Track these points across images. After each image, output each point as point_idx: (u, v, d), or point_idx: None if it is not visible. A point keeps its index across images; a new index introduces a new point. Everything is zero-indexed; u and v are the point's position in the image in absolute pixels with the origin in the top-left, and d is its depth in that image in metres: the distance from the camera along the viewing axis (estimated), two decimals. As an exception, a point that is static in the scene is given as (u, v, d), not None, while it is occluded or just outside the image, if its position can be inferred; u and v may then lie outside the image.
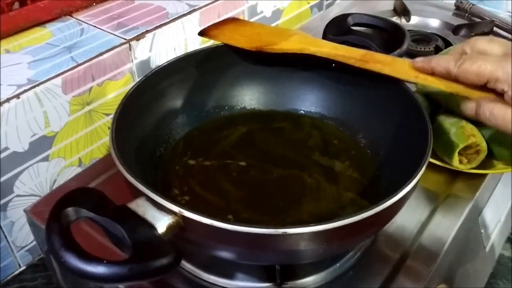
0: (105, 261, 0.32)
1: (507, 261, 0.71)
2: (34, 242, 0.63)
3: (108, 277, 0.32)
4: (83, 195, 0.36)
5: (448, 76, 0.43)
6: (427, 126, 0.45)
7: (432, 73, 0.44)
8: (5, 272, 0.62)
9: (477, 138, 0.55)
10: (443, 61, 0.43)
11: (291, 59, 0.55)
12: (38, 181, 0.61)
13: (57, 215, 0.34)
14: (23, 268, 0.63)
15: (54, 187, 0.63)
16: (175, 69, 0.55)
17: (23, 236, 0.62)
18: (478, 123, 0.57)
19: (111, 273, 0.32)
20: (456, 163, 0.56)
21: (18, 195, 0.59)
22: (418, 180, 0.41)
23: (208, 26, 0.59)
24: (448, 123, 0.57)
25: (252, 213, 0.48)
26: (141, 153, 0.51)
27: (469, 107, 0.42)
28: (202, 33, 0.58)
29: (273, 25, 0.89)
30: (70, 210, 0.35)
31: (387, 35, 0.59)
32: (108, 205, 0.36)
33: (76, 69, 0.60)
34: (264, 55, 0.55)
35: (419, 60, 0.46)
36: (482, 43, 0.42)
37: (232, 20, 0.61)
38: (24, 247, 0.63)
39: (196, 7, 0.73)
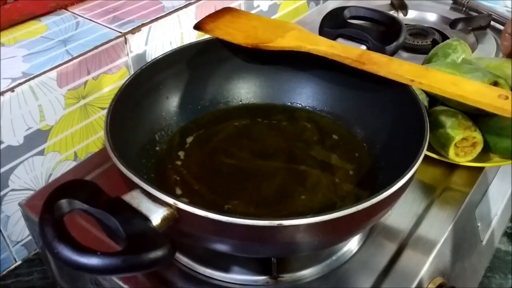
0: (98, 253, 0.32)
1: (504, 254, 0.71)
2: (30, 237, 0.63)
3: (102, 269, 0.32)
4: (77, 187, 0.36)
5: None
6: (424, 119, 0.45)
7: None
8: (1, 266, 0.62)
9: (473, 130, 0.55)
10: None
11: (288, 53, 0.55)
12: (33, 175, 0.60)
13: (50, 207, 0.34)
14: (19, 262, 0.63)
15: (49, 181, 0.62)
16: (170, 63, 0.55)
17: (19, 231, 0.62)
18: (474, 116, 0.57)
19: (105, 264, 0.31)
20: (452, 156, 0.56)
21: (13, 189, 0.59)
22: (414, 173, 0.41)
23: (204, 19, 0.58)
24: (445, 116, 0.56)
25: (248, 206, 0.48)
26: (136, 146, 0.50)
27: None
28: (197, 27, 0.58)
29: (270, 19, 0.88)
30: (63, 202, 0.35)
31: (383, 28, 0.59)
32: (102, 197, 0.36)
33: (71, 63, 0.60)
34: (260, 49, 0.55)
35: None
36: None
37: (228, 11, 0.60)
38: (20, 241, 0.63)
39: (192, 1, 0.73)
